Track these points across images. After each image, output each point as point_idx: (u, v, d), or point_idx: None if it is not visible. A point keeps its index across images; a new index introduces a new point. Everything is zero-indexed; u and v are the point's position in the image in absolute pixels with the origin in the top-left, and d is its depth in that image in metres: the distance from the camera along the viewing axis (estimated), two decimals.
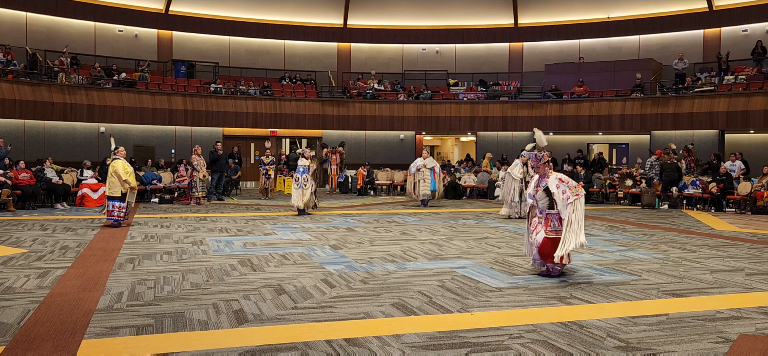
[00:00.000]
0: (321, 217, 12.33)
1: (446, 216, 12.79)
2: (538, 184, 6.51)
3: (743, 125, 18.43)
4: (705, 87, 19.48)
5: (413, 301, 5.33)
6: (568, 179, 6.38)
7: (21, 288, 5.70)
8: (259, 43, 24.38)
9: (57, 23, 21.38)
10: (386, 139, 23.32)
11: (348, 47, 25.15)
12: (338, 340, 4.23)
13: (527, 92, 23.03)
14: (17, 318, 4.69)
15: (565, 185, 6.25)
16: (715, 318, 4.89)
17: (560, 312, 5.08)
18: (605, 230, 10.61)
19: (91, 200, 14.30)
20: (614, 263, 7.33)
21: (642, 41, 23.14)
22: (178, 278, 6.21)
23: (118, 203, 10.37)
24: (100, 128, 19.89)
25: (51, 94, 18.54)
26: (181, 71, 22.19)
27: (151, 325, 4.56)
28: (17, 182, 13.37)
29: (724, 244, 9.02)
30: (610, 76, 21.87)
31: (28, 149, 18.29)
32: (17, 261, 7.05)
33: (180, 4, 23.09)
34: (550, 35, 24.01)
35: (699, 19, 21.90)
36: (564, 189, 6.22)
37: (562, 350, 4.08)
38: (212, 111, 21.05)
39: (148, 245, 8.39)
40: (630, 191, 16.42)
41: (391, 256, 7.67)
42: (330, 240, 9.03)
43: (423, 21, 24.82)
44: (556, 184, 6.30)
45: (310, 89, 23.10)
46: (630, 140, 21.67)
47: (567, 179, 6.36)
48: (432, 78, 24.38)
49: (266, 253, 7.81)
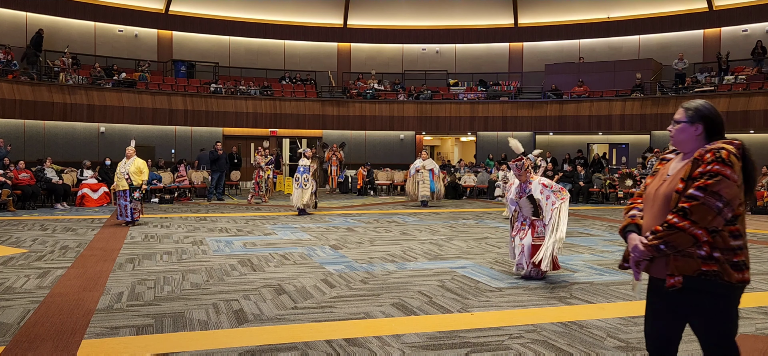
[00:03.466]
0: (321, 217, 12.33)
1: (446, 216, 12.79)
2: (521, 191, 6.38)
3: (743, 125, 18.43)
4: (705, 87, 19.48)
5: (413, 301, 5.33)
6: (552, 183, 6.29)
7: (21, 288, 5.70)
8: (259, 43, 24.37)
9: (57, 23, 21.37)
10: (386, 139, 23.32)
11: (348, 47, 25.15)
12: (338, 340, 4.23)
13: (527, 92, 23.03)
14: (17, 318, 4.69)
15: (548, 190, 6.15)
16: None
17: (560, 312, 5.08)
18: (605, 230, 10.61)
19: (91, 200, 14.30)
20: (614, 263, 7.33)
21: (642, 41, 23.14)
22: (178, 278, 6.21)
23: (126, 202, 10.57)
24: (100, 128, 19.89)
25: (51, 94, 18.54)
26: (181, 71, 22.19)
27: (151, 325, 4.56)
28: (17, 182, 13.38)
29: None
30: (610, 76, 21.87)
31: (28, 149, 18.28)
32: (17, 261, 7.05)
33: (180, 4, 23.09)
34: (550, 35, 24.00)
35: (699, 19, 21.90)
36: (548, 194, 6.13)
37: (562, 350, 4.08)
38: (212, 111, 21.04)
39: (148, 245, 8.39)
40: (630, 191, 16.42)
41: (391, 256, 7.67)
42: (330, 240, 9.03)
43: (423, 21, 24.81)
44: (539, 190, 6.19)
45: (310, 89, 23.09)
46: (630, 140, 21.67)
47: (550, 183, 6.26)
48: (432, 78, 24.38)
49: (266, 253, 7.81)
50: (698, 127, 2.64)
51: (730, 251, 2.51)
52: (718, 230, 2.48)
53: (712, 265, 2.49)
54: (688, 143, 2.66)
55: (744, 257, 2.55)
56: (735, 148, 2.52)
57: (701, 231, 2.45)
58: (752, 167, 2.56)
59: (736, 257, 2.52)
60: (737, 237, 2.52)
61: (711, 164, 2.47)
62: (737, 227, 2.52)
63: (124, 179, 10.65)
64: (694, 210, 2.44)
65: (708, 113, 2.65)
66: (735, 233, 2.51)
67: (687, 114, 2.67)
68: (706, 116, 2.64)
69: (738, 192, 2.48)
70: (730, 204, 2.45)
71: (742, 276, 2.55)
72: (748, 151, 2.56)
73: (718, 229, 2.47)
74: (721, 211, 2.43)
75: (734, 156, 2.49)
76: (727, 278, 2.50)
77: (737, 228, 2.52)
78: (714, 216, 2.44)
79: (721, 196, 2.43)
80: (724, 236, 2.49)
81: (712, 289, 2.52)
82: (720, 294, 2.54)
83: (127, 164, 10.80)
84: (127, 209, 10.65)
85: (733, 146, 2.52)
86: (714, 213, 2.43)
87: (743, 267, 2.55)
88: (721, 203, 2.43)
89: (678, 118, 2.69)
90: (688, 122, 2.66)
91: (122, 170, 10.75)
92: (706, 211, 2.43)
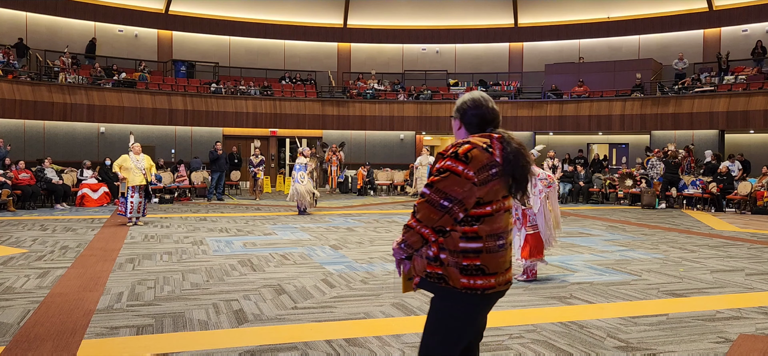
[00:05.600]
0: (321, 217, 12.33)
1: None
2: None
3: (743, 125, 18.43)
4: (705, 87, 19.48)
5: (413, 301, 5.33)
6: (539, 170, 6.22)
7: (21, 288, 5.70)
8: (259, 43, 24.37)
9: (57, 23, 21.37)
10: (386, 139, 23.32)
11: (348, 47, 25.15)
12: (338, 340, 4.22)
13: (527, 92, 23.03)
14: (17, 318, 4.69)
15: (536, 178, 6.11)
16: (715, 318, 4.89)
17: (560, 312, 5.08)
18: (605, 230, 10.60)
19: (91, 200, 14.30)
20: (614, 263, 7.33)
21: (642, 41, 23.14)
22: (178, 278, 6.21)
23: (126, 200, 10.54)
24: (100, 128, 19.89)
25: (51, 94, 18.53)
26: (181, 71, 22.19)
27: (151, 325, 4.56)
28: (17, 182, 13.38)
29: (724, 244, 9.02)
30: (610, 76, 21.87)
31: (28, 149, 18.28)
32: (17, 261, 7.05)
33: (180, 4, 23.09)
34: (550, 35, 24.00)
35: (699, 19, 21.90)
36: (535, 182, 6.09)
37: (562, 350, 4.08)
38: (212, 111, 21.04)
39: (148, 245, 8.39)
40: (630, 191, 16.42)
41: (391, 256, 7.66)
42: (330, 240, 9.03)
43: (423, 21, 24.81)
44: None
45: (310, 89, 23.09)
46: (630, 140, 21.66)
47: (538, 171, 6.18)
48: (432, 78, 24.38)
49: (266, 253, 7.81)
50: (457, 121, 2.53)
51: (458, 254, 2.29)
52: (447, 230, 2.30)
53: (437, 267, 2.31)
54: (457, 137, 2.51)
55: (480, 261, 2.30)
56: (486, 142, 2.35)
57: (427, 230, 2.28)
58: (519, 163, 2.36)
59: (466, 260, 2.29)
60: (473, 239, 2.29)
61: (445, 160, 2.30)
62: (475, 229, 2.30)
63: (141, 173, 10.53)
64: (419, 208, 2.29)
65: (464, 105, 2.50)
66: (470, 234, 2.29)
67: (454, 109, 2.55)
68: (462, 109, 2.50)
69: (473, 190, 2.26)
70: (461, 203, 2.25)
71: (469, 281, 2.29)
72: (513, 144, 2.38)
73: (445, 229, 2.29)
74: (448, 209, 2.25)
75: (478, 151, 2.30)
76: (452, 282, 2.29)
77: (475, 230, 2.29)
78: (441, 215, 2.26)
79: (446, 194, 2.25)
80: (454, 237, 2.29)
81: (436, 292, 2.36)
82: (441, 298, 2.36)
83: (140, 160, 10.63)
84: (142, 205, 10.73)
85: (485, 141, 2.35)
86: (439, 212, 2.25)
87: (475, 273, 2.29)
88: (447, 201, 2.25)
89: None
90: (453, 116, 2.54)
91: (138, 165, 10.55)
92: (429, 209, 2.27)
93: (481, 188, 2.28)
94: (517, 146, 2.38)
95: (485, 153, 2.32)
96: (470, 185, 2.26)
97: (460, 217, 2.28)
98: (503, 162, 2.34)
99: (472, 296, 2.31)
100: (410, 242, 2.34)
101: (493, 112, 2.49)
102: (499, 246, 2.35)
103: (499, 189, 2.35)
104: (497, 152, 2.35)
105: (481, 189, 2.28)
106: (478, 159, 2.29)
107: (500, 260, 2.36)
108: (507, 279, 2.42)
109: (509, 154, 2.35)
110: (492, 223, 2.33)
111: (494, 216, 2.33)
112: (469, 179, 2.26)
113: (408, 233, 2.34)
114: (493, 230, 2.33)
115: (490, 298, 2.37)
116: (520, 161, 2.36)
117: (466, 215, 2.29)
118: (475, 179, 2.26)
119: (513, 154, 2.35)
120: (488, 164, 2.31)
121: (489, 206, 2.32)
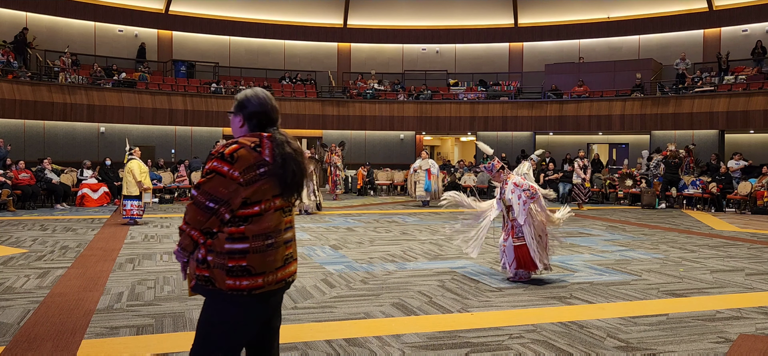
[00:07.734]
0: (321, 217, 12.33)
1: (446, 216, 12.79)
2: (501, 193, 6.33)
3: (743, 125, 18.43)
4: (705, 87, 19.48)
5: (413, 301, 5.33)
6: (523, 181, 6.16)
7: (21, 288, 5.70)
8: (259, 43, 24.37)
9: (57, 23, 21.37)
10: (386, 139, 23.32)
11: (348, 47, 25.15)
12: (338, 340, 4.22)
13: (527, 92, 23.02)
14: (17, 318, 4.69)
15: (520, 189, 6.07)
16: (715, 318, 4.89)
17: (560, 312, 5.08)
18: (605, 230, 10.60)
19: (91, 200, 14.31)
20: (614, 263, 7.33)
21: (642, 41, 23.14)
22: (178, 278, 6.21)
23: (135, 201, 10.66)
24: (100, 128, 19.88)
25: (51, 94, 18.53)
26: (181, 71, 22.19)
27: (151, 325, 4.56)
28: (17, 182, 13.38)
29: (724, 244, 9.02)
30: (610, 76, 21.87)
31: (28, 149, 18.27)
32: (17, 261, 7.05)
33: (180, 4, 23.09)
34: (550, 35, 24.00)
35: (699, 19, 21.89)
36: (519, 194, 6.06)
37: (562, 350, 4.08)
38: (212, 111, 21.04)
39: (148, 245, 8.39)
40: (630, 191, 16.42)
41: (391, 256, 7.67)
42: (330, 240, 9.03)
43: (423, 21, 24.81)
44: (511, 190, 6.13)
45: (310, 89, 23.10)
46: (630, 140, 21.67)
47: (522, 181, 6.15)
48: (432, 78, 24.38)
49: None
50: (239, 118, 2.47)
51: (224, 255, 2.28)
52: (214, 232, 2.29)
53: (204, 270, 2.31)
54: (236, 136, 2.46)
55: (246, 262, 2.29)
56: (254, 142, 2.33)
57: (196, 233, 2.27)
58: (290, 167, 2.35)
59: (232, 262, 2.28)
60: (239, 240, 2.29)
61: (212, 161, 2.29)
62: (242, 229, 2.29)
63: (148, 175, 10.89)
64: (188, 210, 2.29)
65: (245, 101, 2.46)
66: (236, 235, 2.28)
67: (234, 105, 2.50)
68: (242, 104, 2.46)
69: (239, 191, 2.25)
70: (226, 204, 2.24)
71: (235, 282, 2.28)
72: (286, 148, 2.37)
73: (213, 231, 2.28)
74: (214, 211, 2.24)
75: (245, 151, 2.28)
76: (219, 284, 2.29)
77: (242, 230, 2.29)
78: (207, 217, 2.25)
79: (211, 195, 2.24)
80: (221, 239, 2.29)
81: (205, 294, 2.36)
82: (210, 300, 2.36)
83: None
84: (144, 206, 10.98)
85: (254, 140, 2.33)
86: (206, 214, 2.24)
87: (240, 274, 2.28)
88: (213, 202, 2.24)
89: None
90: (232, 112, 2.49)
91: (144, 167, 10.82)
92: (196, 211, 2.26)
93: (248, 188, 2.28)
94: (290, 150, 2.37)
95: (253, 153, 2.31)
96: (236, 185, 2.25)
97: (226, 218, 2.28)
98: (273, 162, 2.34)
99: (238, 297, 2.29)
100: (183, 245, 2.33)
101: (276, 112, 2.50)
102: (268, 246, 2.33)
103: (269, 189, 2.34)
104: (267, 151, 2.34)
105: (248, 189, 2.28)
106: (244, 159, 2.28)
107: (269, 259, 2.35)
108: (280, 277, 2.41)
109: (277, 156, 2.35)
110: (260, 223, 2.32)
111: (263, 216, 2.32)
112: (235, 180, 2.25)
113: (181, 236, 2.33)
114: (261, 229, 2.32)
115: (261, 298, 2.36)
116: (290, 166, 2.35)
117: (234, 216, 2.29)
118: (240, 180, 2.26)
119: (282, 157, 2.35)
120: (255, 164, 2.30)
121: (257, 206, 2.32)
